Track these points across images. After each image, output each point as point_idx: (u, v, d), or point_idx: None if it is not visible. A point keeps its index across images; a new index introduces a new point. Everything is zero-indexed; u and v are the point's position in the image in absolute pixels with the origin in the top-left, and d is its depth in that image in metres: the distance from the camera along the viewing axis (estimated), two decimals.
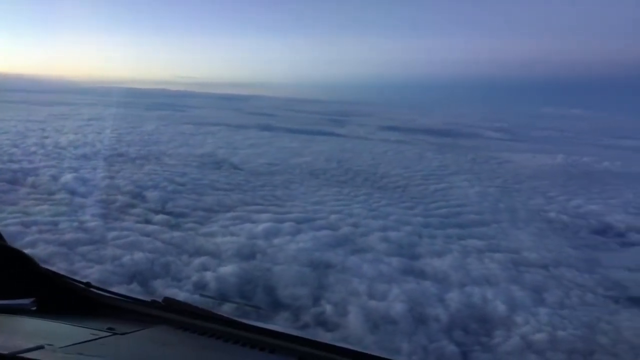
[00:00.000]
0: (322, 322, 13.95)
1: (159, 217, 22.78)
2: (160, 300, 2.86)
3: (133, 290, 14.42)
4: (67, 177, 29.01)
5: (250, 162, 40.32)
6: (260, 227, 21.71)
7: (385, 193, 32.37)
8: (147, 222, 22.06)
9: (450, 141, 71.04)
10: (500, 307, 15.70)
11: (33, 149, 38.61)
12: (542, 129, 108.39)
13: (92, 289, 2.93)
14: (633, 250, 23.73)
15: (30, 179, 28.00)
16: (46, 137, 45.37)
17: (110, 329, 2.38)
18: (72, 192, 25.75)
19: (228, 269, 16.67)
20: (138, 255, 16.98)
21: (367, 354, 2.42)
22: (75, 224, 20.38)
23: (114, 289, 2.98)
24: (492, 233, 24.35)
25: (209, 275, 16.06)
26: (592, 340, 14.03)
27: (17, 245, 3.01)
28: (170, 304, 2.83)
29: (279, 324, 13.41)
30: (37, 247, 17.32)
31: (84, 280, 2.96)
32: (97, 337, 2.24)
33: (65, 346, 2.01)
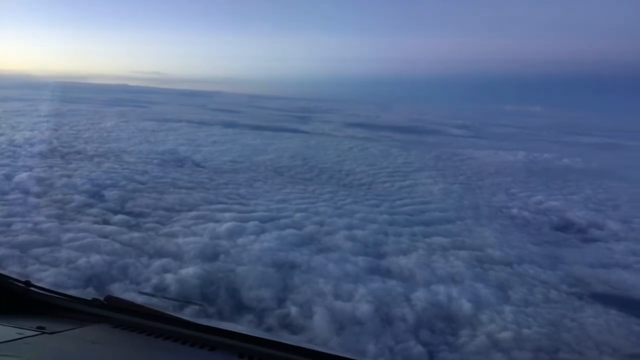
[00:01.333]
0: (287, 325, 13.63)
1: (118, 217, 22.05)
2: (102, 298, 2.78)
3: (89, 294, 13.82)
4: (22, 176, 27.90)
5: (213, 160, 39.65)
6: (224, 227, 21.22)
7: (350, 190, 32.21)
8: (105, 222, 21.32)
9: (415, 138, 71.53)
10: (466, 306, 15.66)
11: None
12: (504, 126, 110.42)
13: (31, 288, 2.85)
14: (594, 247, 24.12)
15: None
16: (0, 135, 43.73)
17: (40, 327, 2.33)
18: (27, 192, 24.75)
19: (190, 271, 16.16)
20: (95, 258, 16.31)
21: (307, 349, 2.39)
22: (30, 225, 19.51)
23: (59, 289, 2.92)
24: (456, 230, 24.43)
25: (169, 278, 15.52)
26: (557, 338, 14.09)
27: None
28: (113, 303, 2.76)
29: (243, 326, 13.04)
30: None
31: (24, 279, 2.88)
32: (22, 336, 2.18)
33: None
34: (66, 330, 2.37)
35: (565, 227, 27.59)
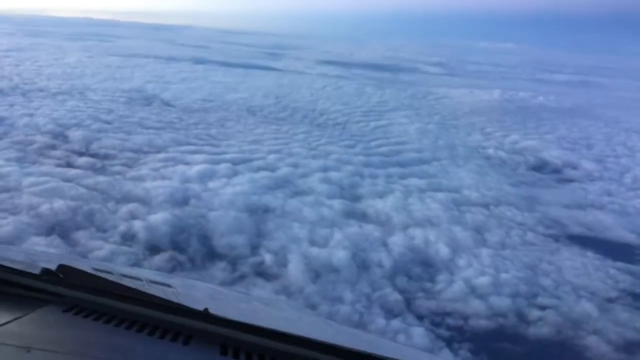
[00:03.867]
0: (261, 273, 13.19)
1: (83, 160, 21.04)
2: (54, 269, 2.21)
3: (52, 244, 13.12)
4: None
5: (182, 98, 38.22)
6: (194, 169, 20.44)
7: (325, 131, 31.48)
8: (69, 165, 20.32)
9: (389, 76, 70.36)
10: (443, 250, 15.44)
11: None
12: (478, 64, 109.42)
13: None
14: (569, 187, 24.12)
15: None
16: None
17: None
18: None
19: (159, 217, 15.47)
20: (58, 204, 15.44)
21: (302, 337, 1.98)
22: None
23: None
24: (432, 171, 24.10)
25: (137, 225, 14.81)
26: (535, 283, 13.99)
27: None
28: (67, 275, 2.19)
29: (215, 276, 12.58)
30: None
31: None
32: None
33: None
34: (4, 323, 1.81)
35: (541, 167, 27.52)
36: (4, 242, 12.57)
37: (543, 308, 12.74)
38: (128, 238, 14.10)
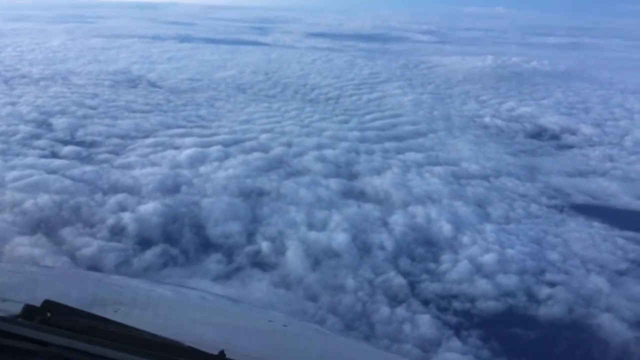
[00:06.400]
0: (258, 263, 12.64)
1: (68, 149, 20.29)
2: (38, 305, 1.77)
3: (37, 244, 12.50)
4: None
5: (169, 79, 37.25)
6: (184, 154, 19.74)
7: (317, 106, 30.71)
8: (54, 155, 19.61)
9: (380, 46, 69.21)
10: (446, 227, 14.91)
11: None
12: (468, 30, 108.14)
13: None
14: (569, 153, 23.60)
15: None
16: None
17: None
18: None
19: (149, 207, 14.84)
20: (43, 199, 14.75)
21: None
22: None
23: None
24: (429, 144, 23.52)
25: (127, 217, 14.17)
26: (542, 258, 13.52)
27: None
28: (55, 314, 1.76)
29: (210, 270, 12.03)
30: None
31: None
32: None
33: None
34: None
35: (539, 134, 26.97)
36: None
37: (552, 285, 12.28)
38: (117, 232, 13.48)
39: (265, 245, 13.24)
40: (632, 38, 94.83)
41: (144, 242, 13.11)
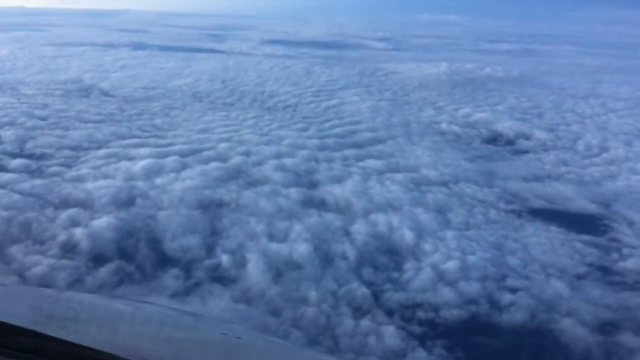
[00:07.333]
0: (218, 278, 12.27)
1: (17, 162, 19.47)
2: None
3: None
4: None
5: (123, 87, 36.37)
6: (139, 165, 19.18)
7: (276, 114, 30.44)
8: (2, 169, 18.82)
9: (336, 53, 69.51)
10: (408, 235, 14.85)
11: None
12: (423, 37, 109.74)
13: None
14: (525, 158, 23.97)
15: None
16: None
17: None
18: None
19: (103, 222, 14.27)
20: None
21: None
22: None
23: None
24: (389, 151, 23.55)
25: (79, 233, 13.58)
26: (503, 263, 13.59)
27: None
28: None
29: (167, 286, 11.60)
30: None
31: None
32: None
33: None
34: None
35: (495, 139, 27.37)
36: None
37: (514, 291, 12.34)
38: (69, 249, 12.88)
39: (225, 259, 12.87)
40: (580, 44, 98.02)
41: (97, 259, 12.55)
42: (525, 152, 25.09)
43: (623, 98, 39.36)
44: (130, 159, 20.04)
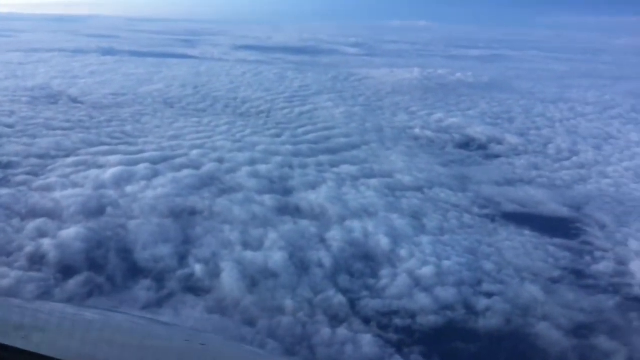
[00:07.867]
0: (191, 288, 11.99)
1: None
2: None
3: None
4: None
5: (92, 94, 35.66)
6: (109, 173, 18.72)
7: (249, 120, 30.17)
8: None
9: (309, 59, 69.59)
10: (383, 241, 14.79)
11: None
12: (395, 43, 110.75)
13: None
14: (497, 162, 24.20)
15: None
16: None
17: None
18: None
19: (72, 232, 13.86)
20: None
21: None
22: None
23: None
24: (363, 156, 23.51)
25: (47, 243, 13.15)
26: (478, 267, 13.61)
27: None
28: None
29: (139, 298, 11.29)
30: None
31: None
32: None
33: None
34: None
35: (467, 144, 27.57)
36: None
37: (489, 295, 12.36)
38: (37, 260, 12.47)
39: (198, 268, 12.61)
40: (548, 50, 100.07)
41: (66, 271, 12.16)
42: (498, 156, 25.34)
43: (591, 102, 40.19)
44: (100, 166, 19.59)
